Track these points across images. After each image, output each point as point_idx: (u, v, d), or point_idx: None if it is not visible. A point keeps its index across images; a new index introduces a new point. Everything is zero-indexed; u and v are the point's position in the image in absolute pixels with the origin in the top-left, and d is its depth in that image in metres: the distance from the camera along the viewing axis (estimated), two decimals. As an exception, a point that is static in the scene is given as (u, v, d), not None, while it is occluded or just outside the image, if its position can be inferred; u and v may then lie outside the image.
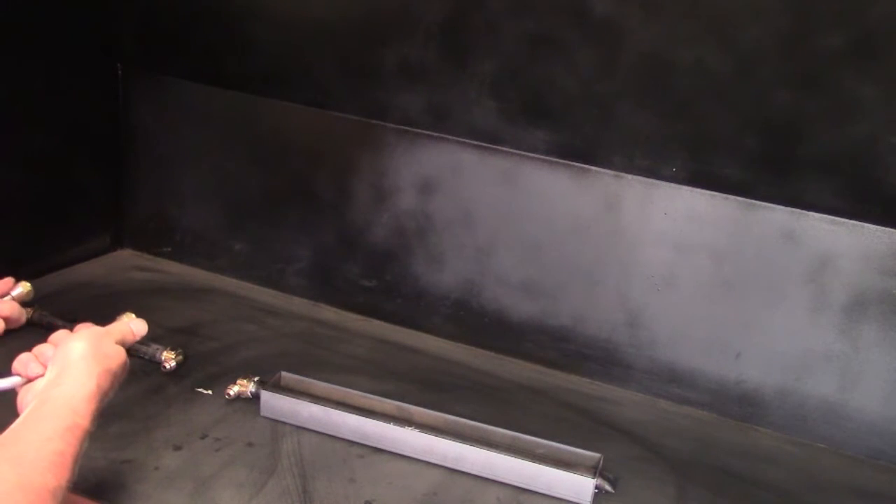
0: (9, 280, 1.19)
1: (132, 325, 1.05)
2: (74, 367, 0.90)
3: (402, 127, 1.48)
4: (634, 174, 1.36)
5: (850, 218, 1.26)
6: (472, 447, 1.13)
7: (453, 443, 1.13)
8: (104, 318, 1.17)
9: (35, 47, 1.47)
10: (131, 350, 1.18)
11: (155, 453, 1.10)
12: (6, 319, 1.17)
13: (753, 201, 1.30)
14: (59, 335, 0.98)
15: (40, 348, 0.97)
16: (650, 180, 1.35)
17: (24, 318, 1.24)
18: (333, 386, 1.24)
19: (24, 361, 0.96)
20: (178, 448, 1.11)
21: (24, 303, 1.27)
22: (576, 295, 1.44)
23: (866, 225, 1.25)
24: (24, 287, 1.22)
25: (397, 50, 1.40)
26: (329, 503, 1.04)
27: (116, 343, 0.98)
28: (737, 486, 1.20)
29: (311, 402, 1.18)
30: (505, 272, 1.48)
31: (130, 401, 1.18)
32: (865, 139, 1.19)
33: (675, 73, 1.24)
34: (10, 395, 0.96)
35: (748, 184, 1.29)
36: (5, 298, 1.22)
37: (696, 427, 1.36)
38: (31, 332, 1.33)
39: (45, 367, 0.94)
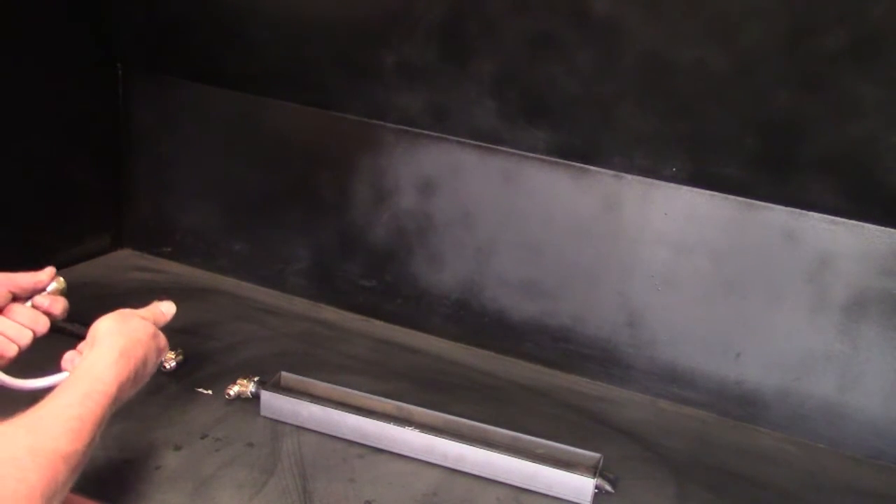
0: (51, 270, 1.15)
1: (162, 307, 1.10)
2: (98, 341, 0.94)
3: (402, 127, 1.48)
4: (634, 174, 1.36)
5: (850, 218, 1.26)
6: (472, 447, 1.13)
7: (453, 443, 1.13)
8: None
9: (35, 47, 1.47)
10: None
11: (155, 453, 1.10)
12: (50, 315, 1.14)
13: (753, 201, 1.30)
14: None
15: (82, 344, 1.01)
16: (650, 180, 1.35)
17: (65, 312, 1.16)
18: (333, 386, 1.24)
19: (69, 359, 1.00)
20: (178, 448, 1.11)
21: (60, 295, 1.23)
22: (576, 295, 1.44)
23: (866, 225, 1.26)
24: (58, 283, 1.19)
25: (397, 50, 1.40)
26: (329, 503, 1.04)
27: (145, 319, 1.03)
28: (737, 486, 1.20)
29: (311, 402, 1.18)
30: (505, 272, 1.48)
31: (131, 401, 1.18)
32: (865, 139, 1.19)
33: (675, 73, 1.24)
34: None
35: (748, 184, 1.29)
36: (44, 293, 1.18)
37: (696, 427, 1.36)
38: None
39: None
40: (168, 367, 1.28)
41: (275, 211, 1.63)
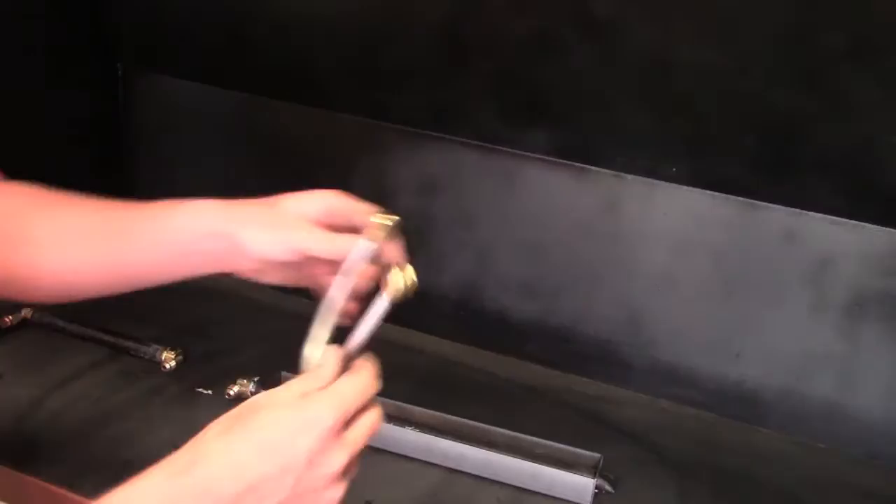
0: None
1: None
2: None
3: (402, 127, 1.48)
4: (634, 174, 1.36)
5: (850, 218, 1.26)
6: (472, 447, 1.13)
7: (453, 443, 1.13)
8: (104, 317, 1.17)
9: (34, 47, 1.47)
10: (131, 350, 1.18)
11: (155, 453, 1.09)
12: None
13: (753, 201, 1.30)
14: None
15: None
16: (650, 180, 1.35)
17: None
18: (333, 386, 1.24)
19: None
20: (178, 448, 1.11)
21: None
22: (576, 295, 1.44)
23: (866, 225, 1.25)
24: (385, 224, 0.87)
25: (398, 49, 1.40)
26: (329, 503, 1.04)
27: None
28: (737, 486, 1.20)
29: (311, 402, 1.18)
30: (505, 272, 1.48)
31: (130, 401, 1.18)
32: (865, 139, 1.19)
33: (675, 72, 1.24)
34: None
35: (748, 184, 1.29)
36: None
37: (696, 427, 1.36)
38: (31, 332, 1.33)
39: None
40: (168, 367, 1.29)
41: (275, 211, 1.62)
